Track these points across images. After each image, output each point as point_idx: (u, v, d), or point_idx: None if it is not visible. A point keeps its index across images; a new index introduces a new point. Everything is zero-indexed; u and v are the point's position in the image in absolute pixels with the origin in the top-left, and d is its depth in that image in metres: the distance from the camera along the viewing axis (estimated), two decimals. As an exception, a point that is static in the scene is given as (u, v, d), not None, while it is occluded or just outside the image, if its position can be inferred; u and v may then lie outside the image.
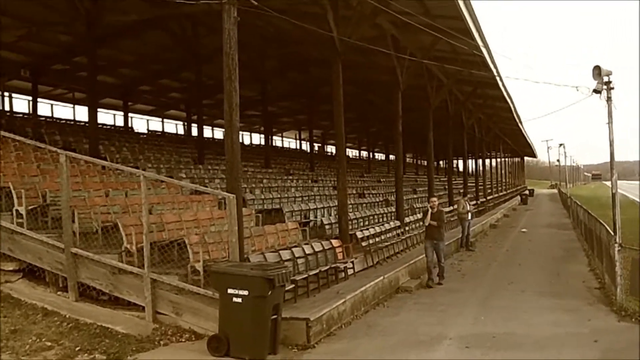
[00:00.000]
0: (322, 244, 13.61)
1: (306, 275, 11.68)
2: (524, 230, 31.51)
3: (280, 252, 11.94)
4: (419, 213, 23.92)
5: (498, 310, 12.51)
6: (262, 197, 18.81)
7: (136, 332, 9.58)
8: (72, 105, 30.22)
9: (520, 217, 43.14)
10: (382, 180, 39.18)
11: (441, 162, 73.00)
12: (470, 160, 52.96)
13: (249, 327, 8.68)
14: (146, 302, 10.15)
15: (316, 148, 59.74)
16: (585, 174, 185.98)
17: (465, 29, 17.64)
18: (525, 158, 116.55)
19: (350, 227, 18.18)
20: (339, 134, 15.70)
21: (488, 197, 45.81)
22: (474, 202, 37.74)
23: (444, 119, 31.23)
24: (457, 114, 33.44)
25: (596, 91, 13.08)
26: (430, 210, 15.76)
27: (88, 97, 19.92)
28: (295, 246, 12.96)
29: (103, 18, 17.55)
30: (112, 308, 10.51)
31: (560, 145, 62.51)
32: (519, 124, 44.36)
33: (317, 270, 12.19)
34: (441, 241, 15.80)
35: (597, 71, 12.79)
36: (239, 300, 8.71)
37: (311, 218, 18.14)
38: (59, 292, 10.84)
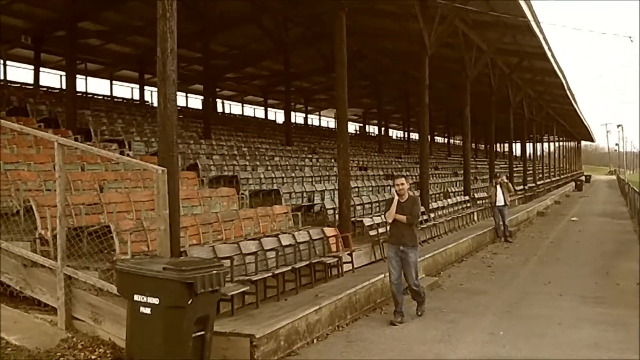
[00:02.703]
0: (309, 233, 11.18)
1: (272, 274, 9.24)
2: (574, 219, 28.49)
3: (244, 243, 9.56)
4: (441, 199, 21.21)
5: (524, 321, 9.91)
6: (262, 176, 16.46)
7: (35, 345, 7.41)
8: (84, 77, 28.39)
9: (573, 204, 39.99)
10: (428, 163, 36.34)
11: (497, 146, 69.57)
12: (519, 144, 49.62)
13: (160, 347, 6.35)
14: (58, 304, 7.99)
15: (357, 128, 57.44)
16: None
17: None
18: (583, 143, 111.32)
19: (362, 213, 15.82)
20: (340, 101, 13.19)
21: (538, 183, 42.61)
22: (521, 187, 34.77)
23: (490, 96, 28.29)
24: (503, 89, 30.32)
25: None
26: (396, 198, 9.64)
27: (66, 63, 17.96)
28: (272, 235, 10.59)
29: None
30: (24, 309, 8.39)
31: (619, 126, 58.08)
32: (573, 103, 40.73)
33: (290, 267, 9.73)
34: (412, 248, 9.62)
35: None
36: (147, 310, 6.41)
37: (317, 201, 15.75)
38: (-32, 288, 8.79)
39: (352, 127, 57.60)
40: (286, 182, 16.75)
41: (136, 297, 6.47)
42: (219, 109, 36.94)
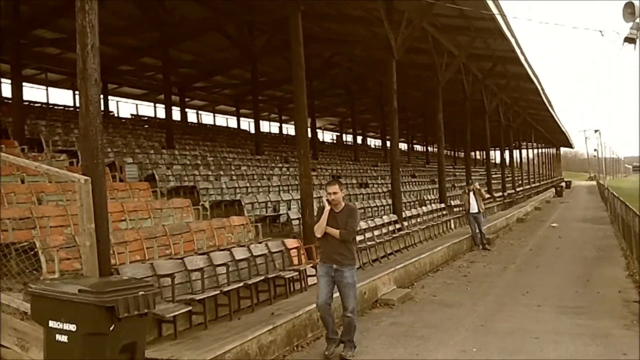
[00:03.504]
0: (267, 245, 10.39)
1: (221, 291, 8.40)
2: (554, 224, 28.00)
3: (191, 258, 8.73)
4: (416, 207, 20.55)
5: (500, 336, 9.17)
6: (224, 186, 15.63)
7: (-52, 378, 6.55)
8: (44, 87, 27.43)
9: (553, 210, 39.65)
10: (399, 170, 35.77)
11: (477, 154, 69.78)
12: (498, 151, 49.37)
13: (79, 381, 5.54)
14: (-21, 331, 7.12)
15: (334, 137, 56.97)
16: (626, 165, 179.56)
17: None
18: (564, 149, 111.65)
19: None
20: (300, 104, 12.43)
21: (517, 189, 42.23)
22: (500, 194, 34.27)
23: (463, 102, 27.74)
24: (477, 95, 29.79)
25: (629, 39, 9.34)
26: (327, 207, 7.94)
27: (11, 70, 17.05)
28: (225, 249, 9.78)
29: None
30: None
31: (596, 131, 57.99)
32: (550, 109, 40.38)
33: (242, 284, 8.91)
34: (348, 267, 7.88)
35: (630, 9, 9.04)
36: (64, 338, 5.58)
37: (283, 212, 14.96)
38: None
39: (329, 136, 57.20)
40: (250, 192, 15.93)
41: (51, 324, 5.67)
42: (191, 119, 36.10)
